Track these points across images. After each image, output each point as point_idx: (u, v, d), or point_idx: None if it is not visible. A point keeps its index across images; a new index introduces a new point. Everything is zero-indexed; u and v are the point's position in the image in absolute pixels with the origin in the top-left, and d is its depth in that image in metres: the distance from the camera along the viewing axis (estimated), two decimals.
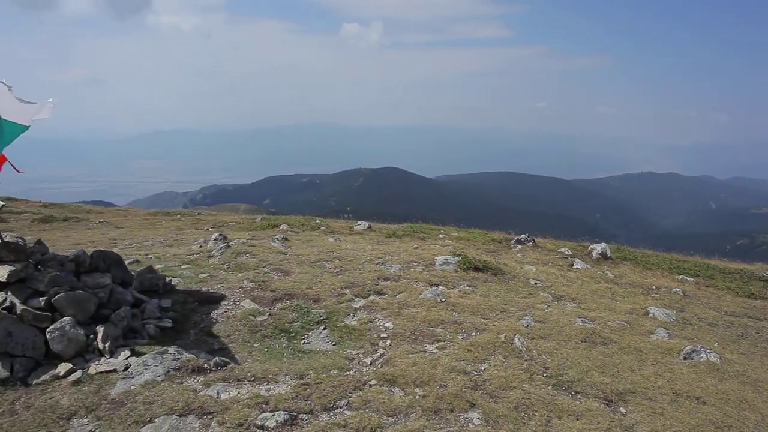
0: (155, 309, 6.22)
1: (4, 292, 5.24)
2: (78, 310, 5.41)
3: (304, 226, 13.11)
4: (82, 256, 6.00)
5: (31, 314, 5.13)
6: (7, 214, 15.65)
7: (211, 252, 9.39)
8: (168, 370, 5.06)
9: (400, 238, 12.32)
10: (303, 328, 6.35)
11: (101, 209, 21.52)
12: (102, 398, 4.70)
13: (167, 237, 11.88)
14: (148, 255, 9.52)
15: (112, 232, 13.15)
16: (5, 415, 4.47)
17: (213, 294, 7.10)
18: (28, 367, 4.98)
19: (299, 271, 8.26)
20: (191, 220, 15.51)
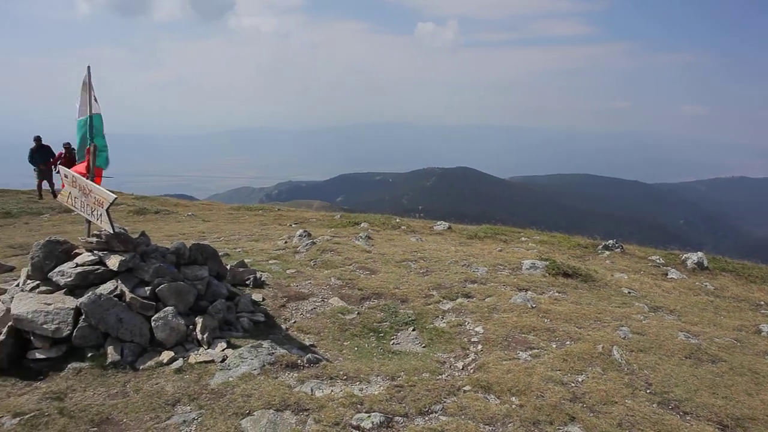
0: (248, 303, 6.37)
1: (115, 281, 5.51)
2: (179, 301, 5.62)
3: (385, 225, 13.11)
4: (182, 248, 6.23)
5: (138, 302, 5.37)
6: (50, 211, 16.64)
7: (297, 248, 9.55)
8: (263, 364, 5.14)
9: (482, 240, 12.09)
10: (392, 328, 6.32)
11: (187, 203, 22.49)
12: (203, 387, 4.84)
13: (252, 232, 12.21)
14: (236, 249, 9.81)
15: (200, 225, 13.68)
16: (118, 396, 4.70)
17: (302, 290, 7.21)
18: (136, 352, 5.22)
19: (385, 271, 8.25)
20: (273, 216, 15.88)
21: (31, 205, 17.15)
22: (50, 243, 5.72)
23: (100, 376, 5.00)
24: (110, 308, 5.23)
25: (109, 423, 4.39)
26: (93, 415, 4.46)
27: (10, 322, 5.12)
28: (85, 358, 5.18)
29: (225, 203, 23.05)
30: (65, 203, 6.05)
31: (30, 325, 5.10)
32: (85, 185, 5.62)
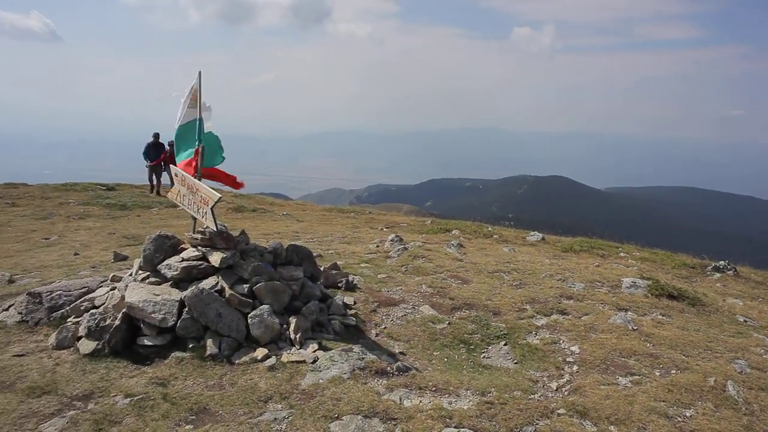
0: (341, 306, 6.44)
1: (216, 276, 5.75)
2: (275, 300, 5.78)
3: (477, 233, 12.90)
4: (279, 249, 6.41)
5: (236, 299, 5.57)
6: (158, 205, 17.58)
7: (389, 253, 9.58)
8: (353, 368, 5.16)
9: (578, 254, 11.58)
10: (483, 341, 6.17)
11: (282, 202, 23.27)
12: (294, 387, 4.93)
13: (345, 234, 12.41)
14: (328, 250, 10.00)
15: (294, 225, 14.09)
16: (215, 388, 4.90)
17: (392, 296, 7.20)
18: (233, 346, 5.41)
19: (477, 281, 8.08)
20: (365, 219, 16.08)
21: (143, 199, 18.38)
22: (160, 237, 6.07)
23: (200, 367, 5.24)
24: (211, 303, 5.47)
25: (206, 413, 4.57)
26: (192, 404, 4.67)
27: (124, 309, 5.48)
28: (187, 348, 5.44)
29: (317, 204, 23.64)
30: (174, 200, 6.40)
31: (140, 313, 5.43)
32: (193, 184, 5.91)
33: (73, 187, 20.01)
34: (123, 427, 4.35)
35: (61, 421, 4.41)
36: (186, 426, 4.38)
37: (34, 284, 7.72)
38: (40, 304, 6.34)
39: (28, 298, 6.39)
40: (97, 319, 5.57)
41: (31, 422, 4.41)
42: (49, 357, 5.48)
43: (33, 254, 10.36)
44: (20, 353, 5.58)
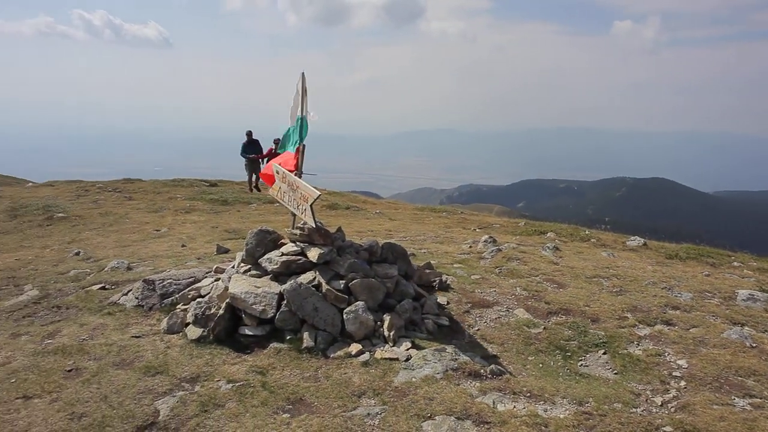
0: (434, 305, 6.43)
1: (314, 272, 5.93)
2: (369, 297, 5.86)
3: (573, 236, 12.43)
4: (375, 246, 6.50)
5: (333, 294, 5.71)
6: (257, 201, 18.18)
7: (482, 254, 9.45)
8: (446, 369, 5.14)
9: (684, 261, 10.86)
10: (580, 348, 5.93)
11: (374, 200, 23.59)
12: (387, 384, 4.98)
13: (437, 234, 12.37)
14: (421, 249, 10.01)
15: (387, 223, 14.23)
16: (310, 380, 5.05)
17: (486, 297, 7.09)
18: (328, 340, 5.55)
19: (574, 286, 7.79)
20: (457, 219, 15.96)
21: (243, 195, 19.29)
22: (261, 232, 6.34)
23: (296, 359, 5.42)
24: (308, 297, 5.64)
25: (302, 403, 4.72)
26: (289, 394, 4.84)
27: (228, 300, 5.77)
28: (284, 339, 5.65)
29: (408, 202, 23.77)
30: (275, 197, 6.66)
31: (242, 304, 5.70)
32: (294, 181, 6.12)
33: (181, 183, 21.36)
34: (225, 411, 4.58)
35: (172, 399, 4.72)
36: (283, 414, 4.54)
37: (148, 272, 8.32)
38: (154, 291, 6.82)
39: (144, 284, 6.90)
40: (203, 307, 5.91)
41: (147, 398, 4.76)
42: (161, 340, 5.88)
43: (146, 244, 11.16)
44: (137, 335, 6.04)
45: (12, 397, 4.87)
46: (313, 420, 4.43)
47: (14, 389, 4.99)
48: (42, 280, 8.57)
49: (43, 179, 25.36)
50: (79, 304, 7.20)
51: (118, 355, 5.58)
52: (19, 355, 5.71)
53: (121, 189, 19.63)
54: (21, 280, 8.75)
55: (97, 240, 12.08)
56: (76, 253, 10.50)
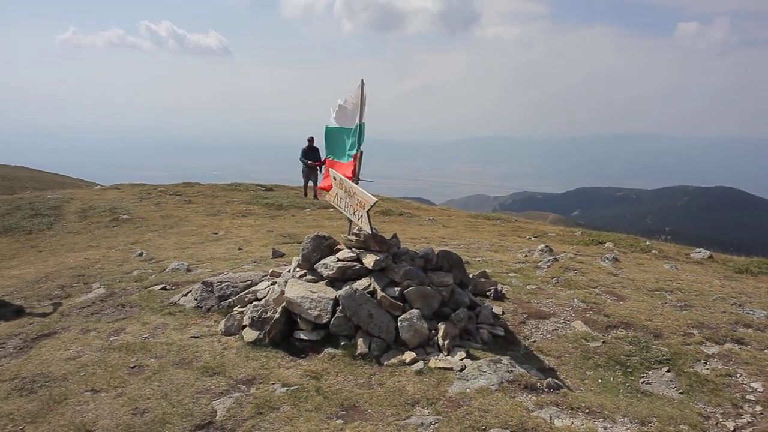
0: (489, 315, 6.33)
1: (369, 278, 5.94)
2: (424, 305, 5.83)
3: (633, 247, 12.01)
4: (430, 254, 6.46)
5: (388, 301, 5.71)
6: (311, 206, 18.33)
7: (538, 263, 9.26)
8: (501, 380, 5.04)
9: (756, 276, 10.31)
10: (642, 365, 5.70)
11: (427, 207, 23.52)
12: (441, 394, 4.93)
13: (492, 242, 12.21)
14: (475, 258, 9.90)
15: (440, 230, 14.15)
16: (364, 387, 5.05)
17: (542, 308, 6.94)
18: (382, 347, 5.55)
19: (635, 299, 7.51)
20: (511, 227, 15.71)
21: (297, 200, 19.60)
22: (317, 238, 6.40)
23: (350, 365, 5.43)
24: (363, 303, 5.65)
25: (355, 410, 4.72)
26: (342, 400, 4.85)
27: (284, 304, 5.86)
28: (339, 345, 5.68)
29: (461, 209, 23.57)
30: (331, 202, 6.72)
31: (298, 308, 5.77)
32: (351, 188, 6.16)
33: (237, 188, 21.89)
34: (280, 414, 4.63)
35: (229, 400, 4.82)
36: (336, 420, 4.56)
37: (206, 274, 8.55)
38: (212, 293, 7.00)
39: (202, 286, 7.09)
40: (259, 310, 6.01)
41: (205, 397, 4.87)
42: (218, 341, 6.02)
43: (205, 247, 11.48)
44: (196, 335, 6.21)
45: (82, 389, 5.10)
46: (366, 427, 4.42)
47: (84, 382, 5.22)
48: (108, 279, 8.94)
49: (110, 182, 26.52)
50: (142, 303, 7.46)
51: (178, 354, 5.74)
52: (87, 350, 5.98)
53: (181, 192, 20.28)
54: (89, 278, 9.16)
55: (159, 241, 12.52)
56: (139, 253, 10.91)
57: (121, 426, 4.49)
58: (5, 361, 5.99)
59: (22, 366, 5.75)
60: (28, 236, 14.63)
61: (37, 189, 25.29)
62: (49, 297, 8.40)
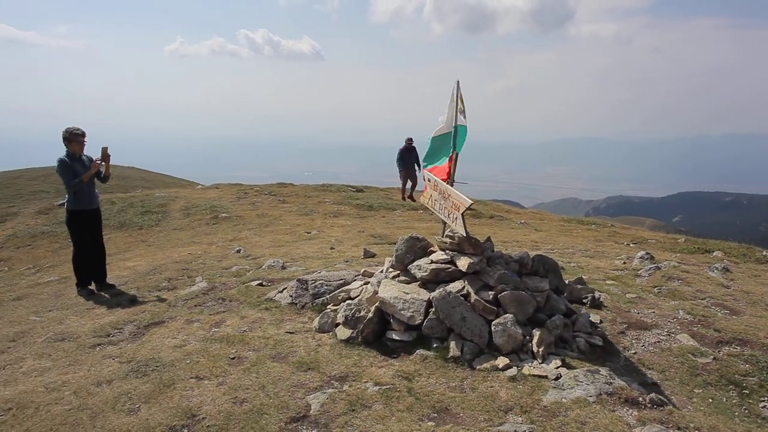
0: (586, 323, 6.09)
1: (462, 281, 5.88)
2: (519, 310, 5.69)
3: (746, 257, 11.13)
4: (525, 258, 6.31)
5: (481, 305, 5.62)
6: (401, 208, 18.25)
7: (638, 271, 8.79)
8: (600, 392, 4.82)
9: None
10: (762, 386, 5.25)
11: (518, 210, 23.01)
12: (535, 402, 4.79)
13: (587, 247, 11.75)
14: (570, 263, 9.55)
15: (532, 234, 13.80)
16: (456, 390, 5.00)
17: (643, 319, 6.57)
18: (474, 351, 5.47)
19: (751, 313, 6.94)
20: (607, 232, 15.05)
21: (387, 201, 19.80)
22: (411, 239, 6.43)
23: (442, 367, 5.40)
24: (457, 306, 5.60)
25: (447, 413, 4.69)
26: (434, 402, 4.82)
27: (377, 304, 5.92)
28: (431, 347, 5.66)
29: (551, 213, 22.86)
30: (425, 204, 6.72)
31: (391, 309, 5.82)
32: (445, 189, 6.13)
33: (329, 188, 22.43)
34: (372, 412, 4.68)
35: (323, 396, 4.93)
36: (428, 422, 4.54)
37: (300, 272, 8.82)
38: (306, 290, 7.20)
39: (298, 284, 7.31)
40: (353, 309, 6.12)
41: (300, 392, 5.01)
42: (312, 338, 6.18)
43: (298, 245, 11.86)
44: (291, 331, 6.41)
45: (187, 376, 5.41)
46: (458, 431, 4.38)
47: (189, 369, 5.54)
48: (209, 274, 9.44)
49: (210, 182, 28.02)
50: (240, 298, 7.81)
51: (274, 348, 5.95)
52: (192, 340, 6.34)
53: (275, 192, 21.07)
54: (193, 272, 9.71)
55: (255, 239, 13.06)
56: (237, 250, 11.44)
57: (222, 413, 4.71)
58: (123, 344, 6.49)
59: (136, 350, 6.20)
60: (140, 231, 15.76)
61: (146, 188, 27.14)
62: (157, 288, 8.99)
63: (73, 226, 8.94)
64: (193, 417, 4.69)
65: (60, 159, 8.57)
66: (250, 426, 4.52)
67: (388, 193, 22.93)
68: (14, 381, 5.70)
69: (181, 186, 31.89)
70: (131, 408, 4.90)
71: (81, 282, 9.18)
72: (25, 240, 15.63)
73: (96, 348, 6.48)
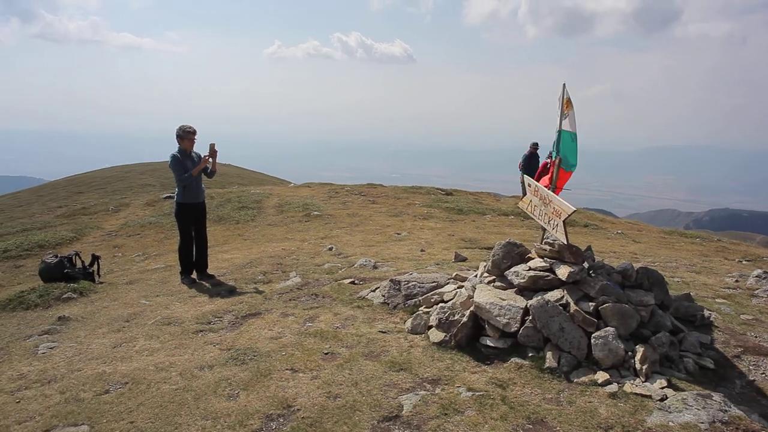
0: (695, 343, 5.69)
1: (561, 290, 5.68)
2: (621, 324, 5.41)
3: None
4: (629, 270, 6.00)
5: (581, 316, 5.40)
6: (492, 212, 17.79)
7: (754, 291, 8.12)
8: (713, 419, 4.48)
9: None
10: None
11: (613, 220, 22.01)
12: (638, 423, 4.52)
13: (692, 262, 11.01)
14: (673, 278, 8.99)
15: (630, 246, 13.12)
16: (552, 402, 4.83)
17: (763, 344, 6.05)
18: (572, 364, 5.26)
19: None
20: (714, 247, 14.04)
21: (477, 205, 19.54)
22: (509, 245, 6.29)
23: (537, 378, 5.23)
24: (555, 316, 5.41)
25: (543, 425, 4.53)
26: (529, 413, 4.68)
27: (471, 308, 5.84)
28: (526, 356, 5.50)
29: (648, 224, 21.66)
30: (525, 209, 6.56)
31: (486, 314, 5.72)
32: (546, 195, 5.95)
33: (418, 191, 22.45)
34: (465, 418, 4.61)
35: (415, 397, 4.92)
36: None
37: (391, 272, 8.87)
38: (399, 291, 7.23)
39: (390, 284, 7.36)
40: (446, 312, 6.07)
41: (392, 391, 5.03)
42: (405, 338, 6.19)
43: (388, 246, 11.94)
44: (383, 330, 6.46)
45: (283, 367, 5.58)
46: None
47: (284, 361, 5.72)
48: (303, 270, 9.70)
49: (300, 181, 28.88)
50: (333, 295, 7.97)
51: (367, 346, 6.01)
52: (287, 333, 6.54)
53: (365, 193, 21.37)
54: (287, 267, 10.03)
55: (346, 238, 13.29)
56: (329, 248, 11.69)
57: (316, 406, 4.81)
58: (222, 332, 6.81)
59: (235, 339, 6.48)
60: (236, 225, 16.49)
61: (241, 185, 28.40)
62: (254, 281, 9.36)
63: (181, 218, 9.49)
64: (288, 407, 4.83)
65: (172, 155, 9.14)
66: (343, 421, 4.59)
67: (478, 197, 22.63)
68: (129, 358, 6.14)
69: (274, 183, 33.12)
70: (231, 393, 5.13)
71: (185, 271, 9.74)
72: (135, 229, 16.81)
73: (198, 334, 6.84)
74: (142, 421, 4.73)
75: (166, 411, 4.86)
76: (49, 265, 10.20)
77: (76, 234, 16.41)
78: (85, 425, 4.71)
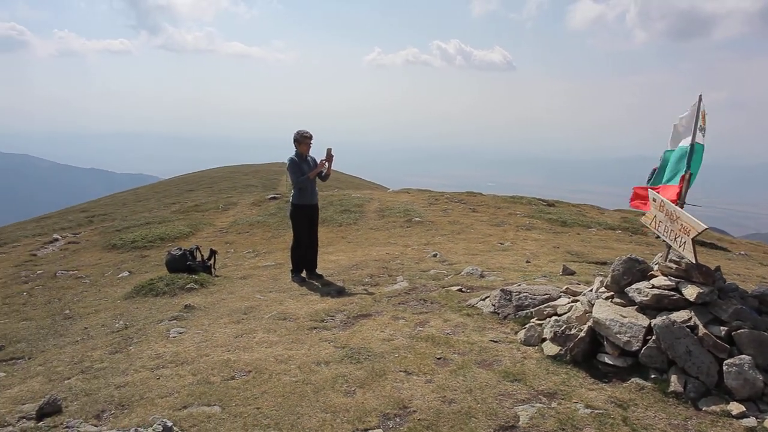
0: None
1: (689, 311, 5.42)
2: (759, 352, 5.07)
3: None
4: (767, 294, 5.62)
5: (711, 340, 5.12)
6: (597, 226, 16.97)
7: None
8: None
9: None
10: None
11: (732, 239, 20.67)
12: None
13: None
14: None
15: (758, 269, 12.20)
16: (678, 429, 4.61)
17: None
18: (700, 390, 5.00)
19: None
20: None
21: (581, 217, 18.93)
22: (630, 260, 6.08)
23: (661, 401, 5.02)
24: (681, 337, 5.17)
25: None
26: None
27: (589, 323, 5.71)
28: (648, 377, 5.29)
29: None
30: (648, 225, 6.31)
31: (605, 330, 5.56)
32: (673, 211, 5.70)
33: (519, 200, 22.08)
34: None
35: (531, 409, 4.88)
36: None
37: (498, 282, 8.82)
38: (510, 301, 7.19)
39: (501, 293, 7.33)
40: (561, 326, 5.96)
41: (508, 401, 5.02)
42: (517, 349, 6.15)
43: (492, 255, 11.86)
44: (494, 339, 6.45)
45: (397, 369, 5.72)
46: None
47: (398, 363, 5.86)
48: (409, 274, 9.86)
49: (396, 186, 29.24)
50: (441, 301, 8.05)
51: (479, 354, 6.03)
52: (399, 335, 6.69)
53: (465, 201, 21.31)
54: (393, 272, 10.23)
55: (448, 245, 13.34)
56: (433, 254, 11.79)
57: (432, 409, 4.90)
58: (335, 330, 7.08)
59: (349, 338, 6.72)
60: (339, 228, 17.01)
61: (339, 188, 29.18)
62: (361, 283, 9.63)
63: (296, 218, 9.97)
64: (404, 408, 4.96)
65: (290, 158, 9.63)
66: (459, 427, 4.64)
67: (581, 209, 21.93)
68: (250, 348, 6.54)
69: (371, 188, 33.76)
70: (347, 390, 5.33)
71: (296, 269, 10.20)
72: (244, 227, 17.79)
73: (313, 330, 7.15)
74: (267, 408, 5.03)
75: (288, 401, 5.14)
76: (174, 257, 11.06)
77: (192, 229, 17.64)
78: (217, 406, 5.09)
